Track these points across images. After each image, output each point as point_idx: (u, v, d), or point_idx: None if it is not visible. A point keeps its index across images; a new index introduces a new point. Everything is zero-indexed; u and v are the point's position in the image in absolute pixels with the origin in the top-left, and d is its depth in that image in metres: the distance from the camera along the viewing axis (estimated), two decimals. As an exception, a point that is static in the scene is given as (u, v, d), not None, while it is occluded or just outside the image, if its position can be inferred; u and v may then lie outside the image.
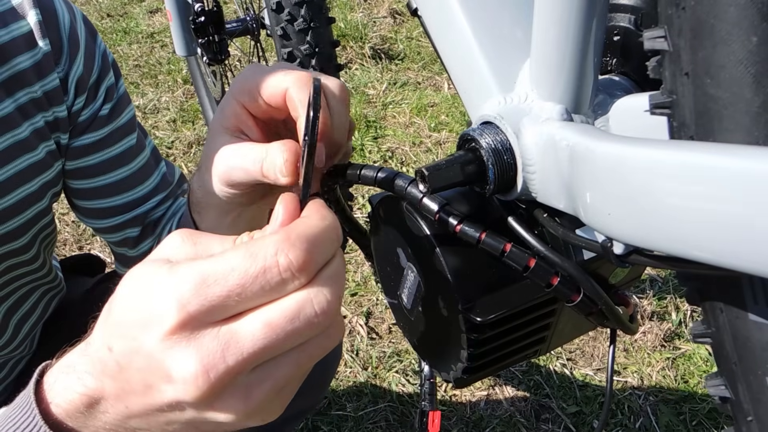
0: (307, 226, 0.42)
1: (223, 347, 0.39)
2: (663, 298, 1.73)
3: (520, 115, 0.48)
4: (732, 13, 0.33)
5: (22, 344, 0.93)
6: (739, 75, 0.33)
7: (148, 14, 3.17)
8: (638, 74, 0.50)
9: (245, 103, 0.59)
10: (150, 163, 0.89)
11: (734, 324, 0.38)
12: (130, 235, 0.87)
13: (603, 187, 0.40)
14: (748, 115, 0.34)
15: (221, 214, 0.68)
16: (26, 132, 0.76)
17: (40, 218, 0.82)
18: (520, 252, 0.49)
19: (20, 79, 0.74)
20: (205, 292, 0.39)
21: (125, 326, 0.42)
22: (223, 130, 0.61)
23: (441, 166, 0.48)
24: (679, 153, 0.35)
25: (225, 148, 0.60)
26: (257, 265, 0.39)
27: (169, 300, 0.39)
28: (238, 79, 0.60)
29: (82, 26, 0.80)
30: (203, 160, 0.64)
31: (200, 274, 0.40)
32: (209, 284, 0.39)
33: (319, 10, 1.22)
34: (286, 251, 0.40)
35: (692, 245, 0.34)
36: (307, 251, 0.40)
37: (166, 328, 0.39)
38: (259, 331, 0.40)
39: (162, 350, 0.40)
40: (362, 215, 2.03)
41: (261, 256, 0.40)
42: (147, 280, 0.42)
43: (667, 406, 1.53)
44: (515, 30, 0.52)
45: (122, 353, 0.42)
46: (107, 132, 0.83)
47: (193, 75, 2.03)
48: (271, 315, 0.40)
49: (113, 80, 0.83)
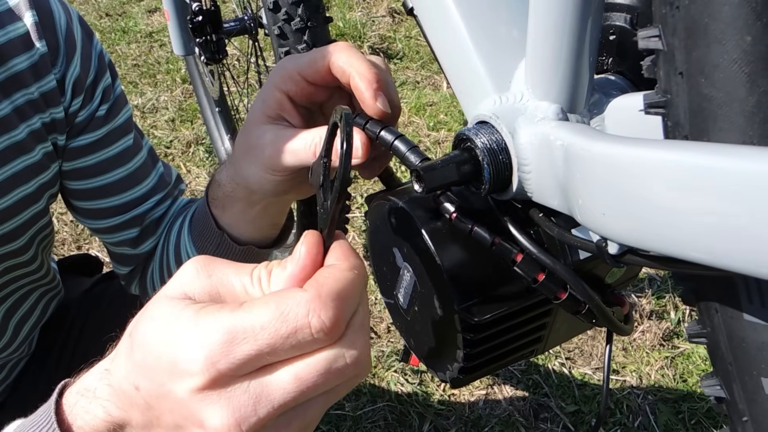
0: (336, 280, 0.41)
1: (255, 400, 0.40)
2: (662, 297, 1.73)
3: (515, 115, 0.48)
4: (726, 13, 0.33)
5: (21, 346, 0.92)
6: (733, 74, 0.33)
7: (147, 13, 3.17)
8: (634, 74, 0.50)
9: (288, 91, 0.61)
10: (147, 164, 0.89)
11: (729, 324, 0.38)
12: (129, 236, 0.87)
13: (598, 187, 0.40)
14: (743, 115, 0.34)
15: (247, 207, 0.70)
16: (23, 134, 0.75)
17: (38, 220, 0.82)
18: (508, 247, 0.49)
19: (17, 80, 0.74)
20: (235, 350, 0.39)
21: (152, 371, 0.42)
22: (266, 119, 0.63)
23: (436, 166, 0.48)
24: (674, 153, 0.34)
25: (273, 134, 0.61)
26: (288, 325, 0.39)
27: (198, 356, 0.39)
28: (277, 70, 0.62)
29: (79, 27, 0.80)
30: (239, 152, 0.66)
31: (229, 332, 0.39)
32: (238, 342, 0.39)
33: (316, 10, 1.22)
34: (318, 312, 0.40)
35: (687, 245, 0.34)
36: (338, 309, 0.40)
37: (196, 384, 0.40)
38: (290, 384, 0.40)
39: (193, 401, 0.40)
40: (360, 214, 2.03)
41: (292, 317, 0.39)
42: (172, 325, 0.41)
43: (665, 405, 1.53)
44: (511, 29, 0.52)
45: (150, 395, 0.42)
46: (104, 133, 0.83)
47: (191, 74, 2.03)
48: (302, 369, 0.40)
49: (110, 81, 0.83)
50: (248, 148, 0.64)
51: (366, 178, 0.58)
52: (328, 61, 0.58)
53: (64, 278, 1.04)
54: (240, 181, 0.68)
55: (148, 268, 0.90)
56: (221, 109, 1.98)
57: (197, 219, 0.80)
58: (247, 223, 0.73)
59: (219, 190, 0.72)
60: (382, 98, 0.56)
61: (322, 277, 0.41)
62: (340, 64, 0.57)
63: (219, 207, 0.74)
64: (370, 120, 0.56)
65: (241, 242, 0.76)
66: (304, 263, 0.43)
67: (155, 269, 0.89)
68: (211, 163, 2.26)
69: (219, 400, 0.40)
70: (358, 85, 0.56)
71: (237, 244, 0.76)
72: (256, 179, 0.64)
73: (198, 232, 0.80)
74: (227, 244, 0.76)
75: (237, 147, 0.67)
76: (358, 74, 0.56)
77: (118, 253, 0.91)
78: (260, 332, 0.39)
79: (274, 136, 0.61)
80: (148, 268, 0.90)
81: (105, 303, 1.05)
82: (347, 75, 0.57)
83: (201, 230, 0.79)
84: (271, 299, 0.41)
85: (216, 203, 0.74)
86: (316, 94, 0.62)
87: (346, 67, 0.57)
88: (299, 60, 0.60)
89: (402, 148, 0.52)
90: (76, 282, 1.07)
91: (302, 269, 0.42)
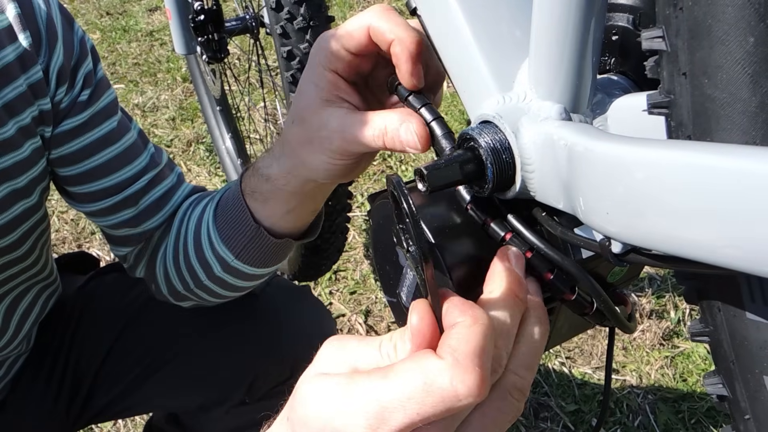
0: (467, 341, 0.41)
1: None
2: (662, 297, 1.74)
3: (518, 115, 0.48)
4: (729, 14, 0.33)
5: (21, 342, 0.92)
6: (736, 75, 0.33)
7: (148, 12, 3.17)
8: (636, 74, 0.50)
9: (336, 68, 0.61)
10: (138, 144, 0.87)
11: (732, 323, 0.38)
12: (125, 216, 0.87)
13: (601, 187, 0.40)
14: (745, 115, 0.34)
15: (294, 197, 0.71)
16: (11, 130, 0.75)
17: (31, 215, 0.82)
18: (517, 243, 0.49)
19: (6, 74, 0.73)
20: (389, 419, 0.41)
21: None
22: (324, 104, 0.61)
23: (440, 165, 0.48)
24: (677, 153, 0.35)
25: (337, 121, 0.61)
26: (435, 397, 0.40)
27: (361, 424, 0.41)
28: (318, 50, 0.61)
29: (58, 14, 0.79)
30: (297, 143, 0.65)
31: (380, 403, 0.41)
32: (391, 411, 0.41)
33: (319, 9, 1.22)
34: (462, 378, 0.40)
35: (690, 245, 0.34)
36: (480, 367, 0.40)
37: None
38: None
39: None
40: (361, 213, 2.03)
41: (437, 388, 0.40)
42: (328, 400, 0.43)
43: (665, 404, 1.53)
44: (514, 29, 0.52)
45: None
46: (87, 116, 0.82)
47: (192, 73, 2.03)
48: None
49: (91, 66, 0.82)
50: (310, 138, 0.63)
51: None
52: (367, 28, 0.58)
53: (61, 275, 1.03)
54: (299, 173, 0.67)
55: (158, 251, 0.89)
56: (222, 108, 1.98)
57: (226, 211, 0.79)
58: (288, 212, 0.73)
59: (266, 184, 0.71)
60: (418, 74, 0.56)
61: (454, 341, 0.42)
62: (381, 32, 0.57)
63: (260, 200, 0.73)
64: (412, 93, 0.56)
65: (278, 235, 0.76)
66: (422, 331, 0.43)
67: (168, 253, 0.87)
68: (212, 162, 2.26)
69: None
70: (398, 56, 0.56)
71: (273, 237, 0.76)
72: (323, 167, 0.64)
73: (228, 225, 0.79)
74: (262, 237, 0.76)
75: (292, 138, 0.66)
76: (399, 42, 0.56)
77: (120, 236, 0.90)
78: (408, 403, 0.40)
79: (340, 124, 0.60)
80: (158, 252, 0.89)
81: (97, 300, 1.04)
82: (387, 42, 0.57)
83: (232, 223, 0.78)
84: (412, 367, 0.41)
85: (257, 196, 0.73)
86: (361, 65, 0.61)
87: (387, 34, 0.56)
88: (338, 35, 0.60)
89: (437, 131, 0.53)
90: (71, 279, 1.07)
91: (423, 338, 0.43)
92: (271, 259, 0.81)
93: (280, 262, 0.84)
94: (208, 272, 0.84)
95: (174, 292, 0.90)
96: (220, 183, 2.18)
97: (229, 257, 0.80)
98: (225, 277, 0.83)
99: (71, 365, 1.00)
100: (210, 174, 2.23)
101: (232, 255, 0.80)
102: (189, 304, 0.93)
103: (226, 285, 0.85)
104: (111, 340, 1.00)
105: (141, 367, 0.98)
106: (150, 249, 0.91)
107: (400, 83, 0.57)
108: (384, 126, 0.57)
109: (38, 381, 0.99)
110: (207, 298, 0.89)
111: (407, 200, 0.42)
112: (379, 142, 0.58)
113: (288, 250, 0.82)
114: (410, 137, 0.55)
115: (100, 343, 1.00)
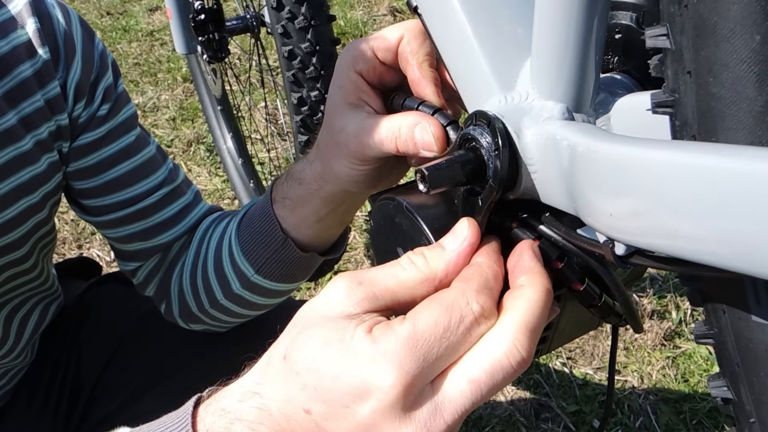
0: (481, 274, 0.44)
1: (441, 411, 0.40)
2: (663, 297, 1.73)
3: (520, 114, 0.48)
4: (735, 11, 0.32)
5: (23, 353, 0.92)
6: (742, 74, 0.33)
7: (148, 12, 3.17)
8: (640, 73, 0.50)
9: (361, 70, 0.61)
10: (156, 158, 0.87)
11: (737, 325, 0.38)
12: (136, 229, 0.85)
13: (604, 187, 0.39)
14: (751, 115, 0.33)
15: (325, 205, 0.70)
16: (29, 144, 0.74)
17: (40, 227, 0.81)
18: (524, 233, 0.49)
19: (23, 89, 0.73)
20: (419, 353, 0.40)
21: (330, 393, 0.41)
22: (347, 106, 0.62)
23: (441, 165, 0.48)
24: (681, 153, 0.34)
25: (354, 125, 0.61)
26: (454, 314, 0.42)
27: (390, 368, 0.40)
28: (348, 51, 0.62)
29: (79, 28, 0.79)
30: (324, 147, 0.65)
31: (408, 339, 0.41)
32: (420, 344, 0.41)
33: (320, 8, 1.22)
34: (475, 298, 0.43)
35: (695, 247, 0.34)
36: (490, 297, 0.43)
37: (388, 397, 0.40)
38: (466, 389, 0.41)
39: (380, 421, 0.40)
40: (361, 214, 2.03)
41: (457, 307, 0.42)
42: (347, 347, 0.42)
43: (667, 405, 1.53)
44: (516, 28, 0.52)
45: (326, 417, 0.42)
46: (105, 131, 0.81)
47: (193, 73, 2.02)
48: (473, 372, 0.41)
49: (111, 80, 0.82)
50: (332, 142, 0.63)
51: None
52: (398, 42, 0.58)
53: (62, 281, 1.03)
54: (329, 178, 0.66)
55: (174, 269, 0.88)
56: (223, 107, 1.98)
57: (251, 223, 0.78)
58: (318, 222, 0.72)
59: (299, 188, 0.70)
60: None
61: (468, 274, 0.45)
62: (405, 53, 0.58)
63: (289, 207, 0.72)
64: (422, 103, 0.56)
65: (304, 247, 0.75)
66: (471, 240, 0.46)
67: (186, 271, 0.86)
68: (212, 162, 2.25)
69: (405, 417, 0.40)
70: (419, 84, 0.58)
71: (299, 249, 0.74)
72: (345, 172, 0.63)
73: (252, 237, 0.77)
74: (288, 248, 0.75)
75: (322, 142, 0.66)
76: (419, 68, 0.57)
77: (130, 250, 0.88)
78: (435, 327, 0.41)
79: (356, 128, 0.60)
80: (174, 269, 0.88)
81: (94, 312, 1.03)
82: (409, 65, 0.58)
83: (257, 235, 0.77)
84: (432, 300, 0.43)
85: (287, 203, 0.72)
86: (386, 75, 0.62)
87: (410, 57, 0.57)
88: (370, 38, 0.60)
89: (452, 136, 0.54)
90: (71, 286, 1.06)
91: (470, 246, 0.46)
92: (294, 274, 0.79)
93: (302, 279, 0.82)
94: (225, 290, 0.82)
95: (187, 313, 0.88)
96: (221, 183, 2.18)
97: (250, 272, 0.78)
98: (243, 294, 0.82)
99: (70, 377, 0.99)
100: (210, 174, 2.23)
101: (252, 269, 0.78)
102: (200, 328, 0.91)
103: (243, 302, 0.83)
104: (109, 353, 0.99)
105: (139, 381, 0.97)
106: (165, 266, 0.90)
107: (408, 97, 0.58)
108: (398, 127, 0.57)
109: (38, 392, 0.98)
110: (221, 318, 0.87)
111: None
112: (391, 145, 0.57)
113: (311, 267, 0.80)
114: (427, 137, 0.55)
115: (99, 356, 0.99)
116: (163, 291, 0.90)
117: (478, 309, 0.42)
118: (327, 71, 1.25)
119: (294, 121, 1.36)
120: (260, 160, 2.14)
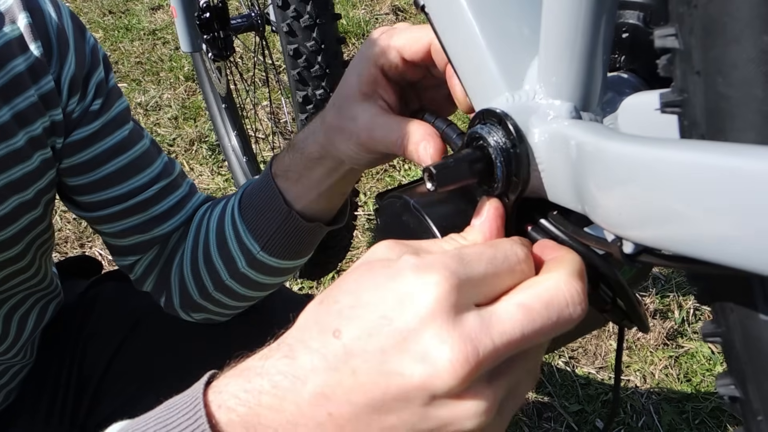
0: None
1: (488, 326, 0.38)
2: (666, 297, 1.73)
3: (528, 113, 0.48)
4: (744, 11, 0.32)
5: (22, 351, 0.92)
6: (751, 74, 0.33)
7: (150, 11, 3.17)
8: (647, 72, 0.50)
9: (383, 65, 0.62)
10: (151, 152, 0.87)
11: (745, 324, 0.38)
12: (133, 222, 0.86)
13: (612, 186, 0.39)
14: (760, 115, 0.33)
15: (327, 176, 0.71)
16: (21, 141, 0.74)
17: (35, 226, 0.81)
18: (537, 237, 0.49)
19: (17, 84, 0.72)
20: (464, 262, 0.40)
21: (367, 307, 0.39)
22: (361, 96, 0.63)
23: (449, 164, 0.48)
24: (690, 152, 0.34)
25: (367, 118, 0.63)
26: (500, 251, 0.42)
27: (433, 271, 0.39)
28: (372, 42, 0.63)
29: (70, 23, 0.78)
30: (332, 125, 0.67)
31: (455, 252, 0.41)
32: (467, 261, 0.40)
33: (325, 7, 1.22)
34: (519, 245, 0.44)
35: (703, 245, 0.34)
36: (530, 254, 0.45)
37: (433, 296, 0.38)
38: (517, 313, 0.39)
39: (420, 327, 0.38)
40: (363, 212, 2.03)
41: (501, 246, 0.43)
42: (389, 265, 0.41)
43: (669, 404, 1.53)
44: (523, 26, 0.52)
45: (358, 335, 0.39)
46: (98, 126, 0.81)
47: (197, 71, 2.02)
48: (524, 298, 0.40)
49: (103, 75, 0.81)
50: (342, 126, 0.65)
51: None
52: (430, 43, 0.59)
53: (63, 280, 1.03)
54: (329, 152, 0.69)
55: (174, 259, 0.88)
56: (228, 105, 1.98)
57: (253, 199, 0.79)
58: (319, 193, 0.74)
59: (301, 158, 0.72)
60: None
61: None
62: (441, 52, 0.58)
63: (292, 179, 0.74)
64: (450, 125, 0.58)
65: (308, 218, 0.76)
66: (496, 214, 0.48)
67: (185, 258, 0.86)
68: (214, 161, 2.26)
69: (449, 323, 0.37)
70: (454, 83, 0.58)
71: (304, 220, 0.76)
72: (348, 154, 0.66)
73: (256, 212, 0.78)
74: (294, 221, 0.76)
75: (330, 118, 0.67)
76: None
77: (126, 245, 0.88)
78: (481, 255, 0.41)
79: (368, 122, 0.62)
80: (173, 259, 0.88)
81: (96, 311, 1.03)
82: (445, 63, 0.58)
83: (260, 209, 0.78)
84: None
85: (290, 174, 0.74)
86: (408, 71, 0.63)
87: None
88: (400, 35, 0.61)
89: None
90: (73, 285, 1.06)
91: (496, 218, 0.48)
92: (300, 248, 0.80)
93: (306, 254, 0.83)
94: (231, 269, 0.82)
95: (188, 302, 0.88)
96: (223, 182, 2.18)
97: (255, 248, 0.79)
98: (248, 272, 0.82)
99: (74, 376, 1.00)
100: (212, 173, 2.23)
101: (258, 245, 0.79)
102: (201, 316, 0.91)
103: (248, 281, 0.83)
104: (112, 351, 0.99)
105: (142, 380, 0.97)
106: (164, 257, 0.90)
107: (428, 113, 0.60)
108: (407, 136, 0.59)
109: (43, 392, 0.98)
110: (224, 302, 0.87)
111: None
112: (399, 151, 0.60)
113: (316, 240, 0.81)
114: (426, 159, 0.57)
115: (102, 354, 0.99)
116: (163, 282, 0.90)
117: (522, 253, 0.43)
118: (332, 70, 1.26)
119: (299, 119, 1.36)
120: (264, 158, 2.14)
